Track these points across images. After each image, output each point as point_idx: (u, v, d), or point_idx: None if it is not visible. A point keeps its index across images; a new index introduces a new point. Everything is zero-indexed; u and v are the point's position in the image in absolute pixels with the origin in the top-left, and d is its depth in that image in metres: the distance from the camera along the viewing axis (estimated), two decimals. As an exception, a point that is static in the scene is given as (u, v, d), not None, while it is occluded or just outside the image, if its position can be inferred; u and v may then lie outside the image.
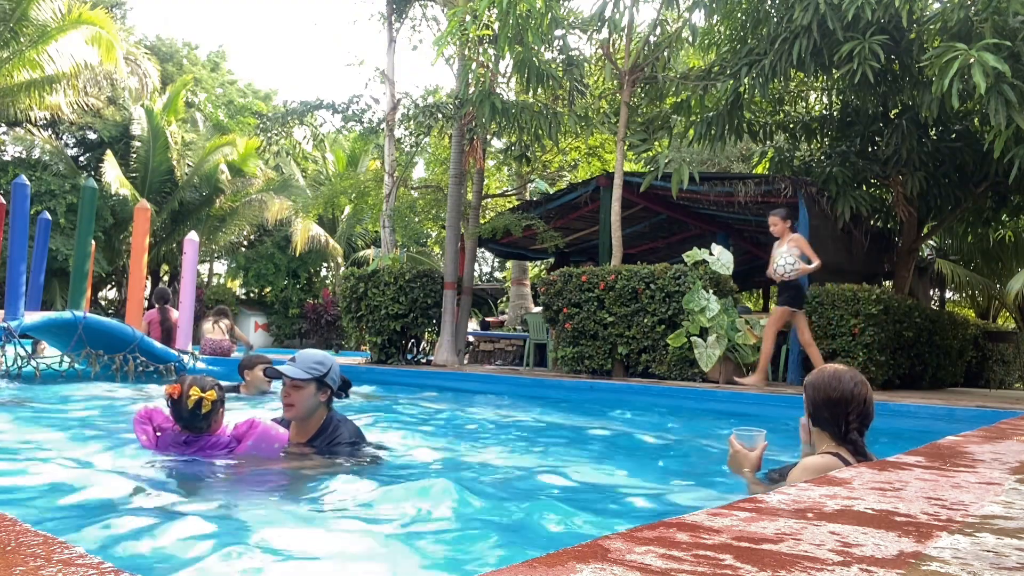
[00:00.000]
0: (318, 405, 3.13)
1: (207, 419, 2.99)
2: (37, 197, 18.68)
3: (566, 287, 8.48)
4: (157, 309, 9.62)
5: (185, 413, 2.96)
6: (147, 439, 3.03)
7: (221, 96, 29.65)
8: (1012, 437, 3.07)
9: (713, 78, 9.07)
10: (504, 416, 5.70)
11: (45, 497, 2.48)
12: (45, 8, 17.93)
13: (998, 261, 14.79)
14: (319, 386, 3.11)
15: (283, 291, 24.40)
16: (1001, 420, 4.36)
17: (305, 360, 3.13)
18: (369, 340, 10.30)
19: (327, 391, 3.14)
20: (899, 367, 8.84)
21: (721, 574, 0.92)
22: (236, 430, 3.07)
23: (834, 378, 2.57)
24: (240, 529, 2.12)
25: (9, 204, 8.10)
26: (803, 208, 8.85)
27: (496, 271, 31.00)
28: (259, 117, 15.10)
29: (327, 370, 3.12)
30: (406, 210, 12.64)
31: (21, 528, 1.03)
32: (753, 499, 1.45)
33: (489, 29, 8.53)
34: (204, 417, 2.98)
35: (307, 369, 3.08)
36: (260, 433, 3.03)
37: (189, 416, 2.96)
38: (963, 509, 1.42)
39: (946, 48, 6.47)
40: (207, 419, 2.99)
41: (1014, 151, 7.02)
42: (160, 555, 1.84)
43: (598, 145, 14.68)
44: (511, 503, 2.56)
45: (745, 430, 2.83)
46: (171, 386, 3.01)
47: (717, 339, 7.41)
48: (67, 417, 4.63)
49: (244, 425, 3.07)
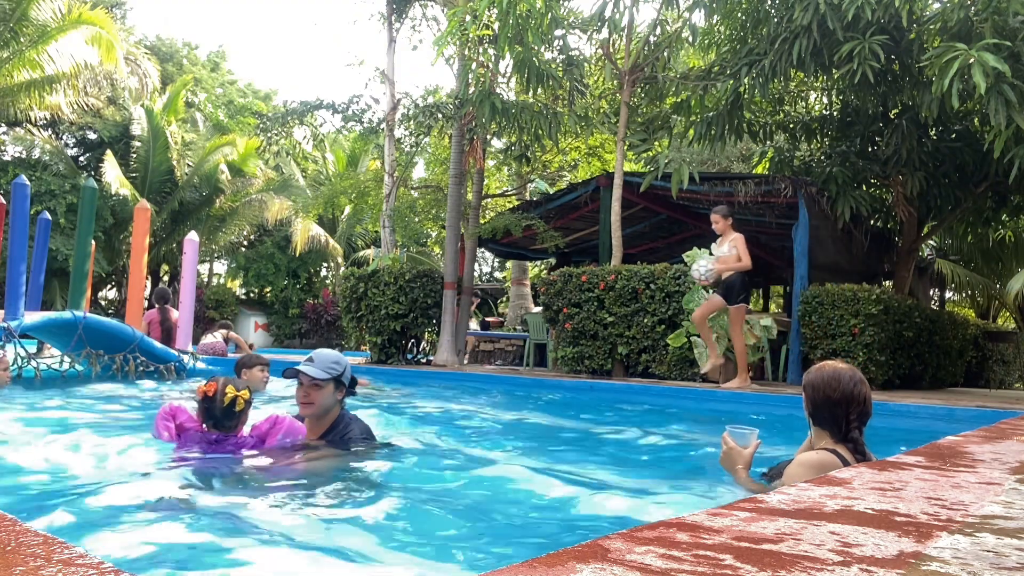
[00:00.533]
0: (335, 403, 3.23)
1: (238, 417, 3.07)
2: (37, 197, 18.68)
3: (566, 287, 8.48)
4: (157, 309, 9.62)
5: (218, 412, 3.02)
6: (168, 435, 3.10)
7: (221, 96, 29.65)
8: (1012, 437, 3.07)
9: (713, 78, 9.07)
10: (504, 416, 5.70)
11: (45, 497, 2.48)
12: (45, 8, 17.93)
13: (998, 261, 14.79)
14: (336, 385, 3.21)
15: (283, 291, 24.40)
16: (1001, 420, 4.37)
17: (324, 360, 3.20)
18: (369, 340, 10.30)
19: (343, 389, 3.25)
20: (899, 367, 8.84)
21: (721, 574, 0.92)
22: (257, 429, 3.14)
23: (833, 378, 2.57)
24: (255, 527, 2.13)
25: (9, 204, 8.10)
26: (803, 208, 8.85)
27: (496, 271, 31.00)
28: (259, 117, 15.10)
29: (343, 369, 3.22)
30: (406, 210, 12.64)
31: (21, 528, 1.03)
32: (753, 499, 1.45)
33: (489, 29, 8.53)
34: (237, 415, 3.06)
35: (326, 369, 3.16)
36: (287, 428, 3.13)
37: (222, 415, 3.03)
38: (963, 509, 1.42)
39: (946, 48, 6.47)
40: (238, 417, 3.07)
41: (1014, 151, 7.01)
42: (172, 553, 1.84)
43: (598, 145, 14.68)
44: (511, 503, 2.56)
45: (738, 427, 2.84)
46: (206, 384, 3.07)
47: (717, 339, 7.41)
48: (71, 416, 4.62)
49: (266, 423, 3.14)
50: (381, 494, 2.57)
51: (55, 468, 2.93)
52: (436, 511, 2.37)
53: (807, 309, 8.13)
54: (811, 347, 8.13)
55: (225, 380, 3.10)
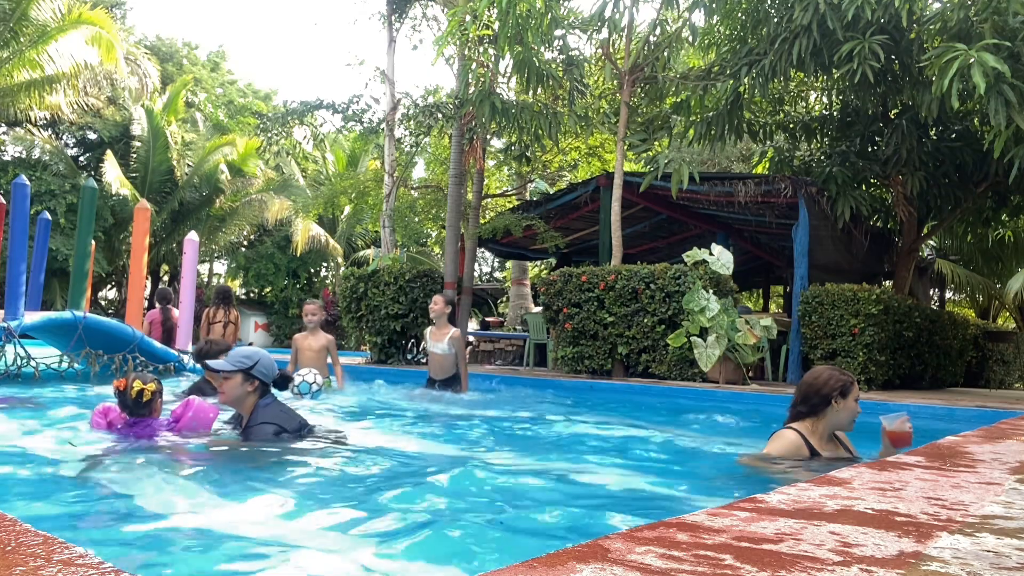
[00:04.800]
0: (245, 394, 3.60)
1: (149, 406, 3.64)
2: (37, 197, 18.68)
3: (566, 287, 8.48)
4: (159, 309, 9.62)
5: (130, 402, 3.60)
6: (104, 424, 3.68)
7: (221, 96, 29.65)
8: (1012, 437, 3.07)
9: (713, 78, 9.07)
10: (503, 416, 5.70)
11: (45, 496, 2.48)
12: (45, 8, 17.92)
13: (998, 261, 14.80)
14: (246, 377, 3.58)
15: (283, 291, 24.40)
16: (1001, 420, 4.37)
17: (235, 355, 3.65)
18: (369, 340, 10.31)
19: (254, 382, 3.60)
20: (899, 367, 8.84)
21: (721, 574, 0.92)
22: (175, 413, 3.70)
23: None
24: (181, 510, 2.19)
25: (9, 204, 8.10)
26: (803, 208, 8.85)
27: (496, 271, 31.00)
28: (259, 117, 15.10)
29: (253, 364, 3.60)
30: (406, 210, 12.64)
31: (21, 528, 1.03)
32: (753, 499, 1.45)
33: (489, 29, 8.53)
34: (147, 404, 3.63)
35: (234, 362, 3.58)
36: (196, 408, 3.68)
37: (134, 405, 3.61)
38: (963, 509, 1.42)
39: (946, 48, 6.47)
40: (149, 406, 3.64)
41: (1014, 151, 7.02)
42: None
43: (598, 145, 14.68)
44: (510, 503, 2.56)
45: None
46: (117, 381, 3.67)
47: (717, 339, 7.41)
48: (60, 414, 4.63)
49: (181, 407, 3.72)
50: (350, 483, 2.57)
51: (50, 468, 2.94)
52: (435, 511, 2.37)
53: (807, 309, 8.13)
54: (811, 347, 8.13)
55: (134, 376, 3.66)
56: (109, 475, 2.83)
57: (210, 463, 3.27)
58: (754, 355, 7.90)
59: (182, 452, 3.44)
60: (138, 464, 3.03)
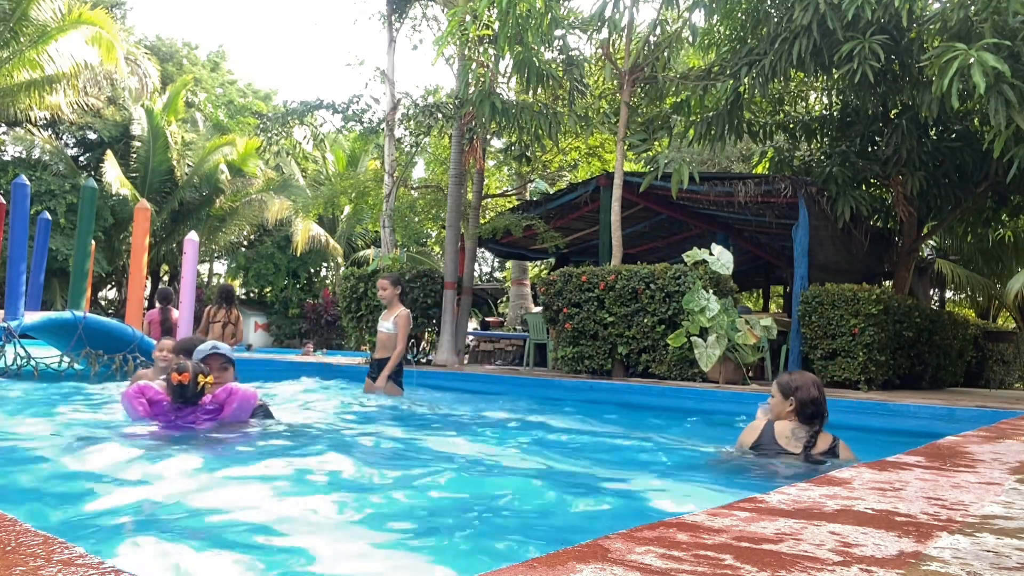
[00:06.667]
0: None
1: (202, 395, 3.71)
2: (37, 197, 18.68)
3: (566, 287, 8.48)
4: (159, 309, 9.62)
5: (190, 394, 3.65)
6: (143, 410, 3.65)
7: (221, 96, 29.66)
8: (1012, 437, 3.07)
9: (713, 78, 9.07)
10: (503, 416, 5.70)
11: (45, 496, 2.48)
12: (45, 8, 17.93)
13: (998, 261, 14.80)
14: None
15: (283, 291, 24.40)
16: (1001, 420, 4.37)
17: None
18: (369, 340, 10.30)
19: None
20: (899, 367, 8.84)
21: (721, 574, 0.92)
22: (216, 398, 3.74)
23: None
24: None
25: (9, 204, 8.10)
26: (803, 208, 8.85)
27: (496, 271, 31.00)
28: (259, 117, 15.09)
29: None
30: (406, 210, 12.63)
31: (21, 528, 1.03)
32: (753, 499, 1.45)
33: (489, 29, 8.53)
34: (202, 394, 3.70)
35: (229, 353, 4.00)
36: (240, 396, 3.76)
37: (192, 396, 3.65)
38: (963, 509, 1.42)
39: (946, 48, 6.47)
40: (202, 395, 3.71)
41: (1014, 151, 7.01)
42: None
43: (598, 145, 14.68)
44: (510, 503, 2.56)
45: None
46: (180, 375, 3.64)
47: (717, 339, 7.41)
48: (63, 413, 4.63)
49: (223, 392, 3.77)
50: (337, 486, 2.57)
51: (51, 467, 2.94)
52: (435, 511, 2.37)
53: (807, 309, 8.13)
54: (811, 347, 8.13)
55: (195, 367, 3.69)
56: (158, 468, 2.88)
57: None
58: (754, 355, 7.90)
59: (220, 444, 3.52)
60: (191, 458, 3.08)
